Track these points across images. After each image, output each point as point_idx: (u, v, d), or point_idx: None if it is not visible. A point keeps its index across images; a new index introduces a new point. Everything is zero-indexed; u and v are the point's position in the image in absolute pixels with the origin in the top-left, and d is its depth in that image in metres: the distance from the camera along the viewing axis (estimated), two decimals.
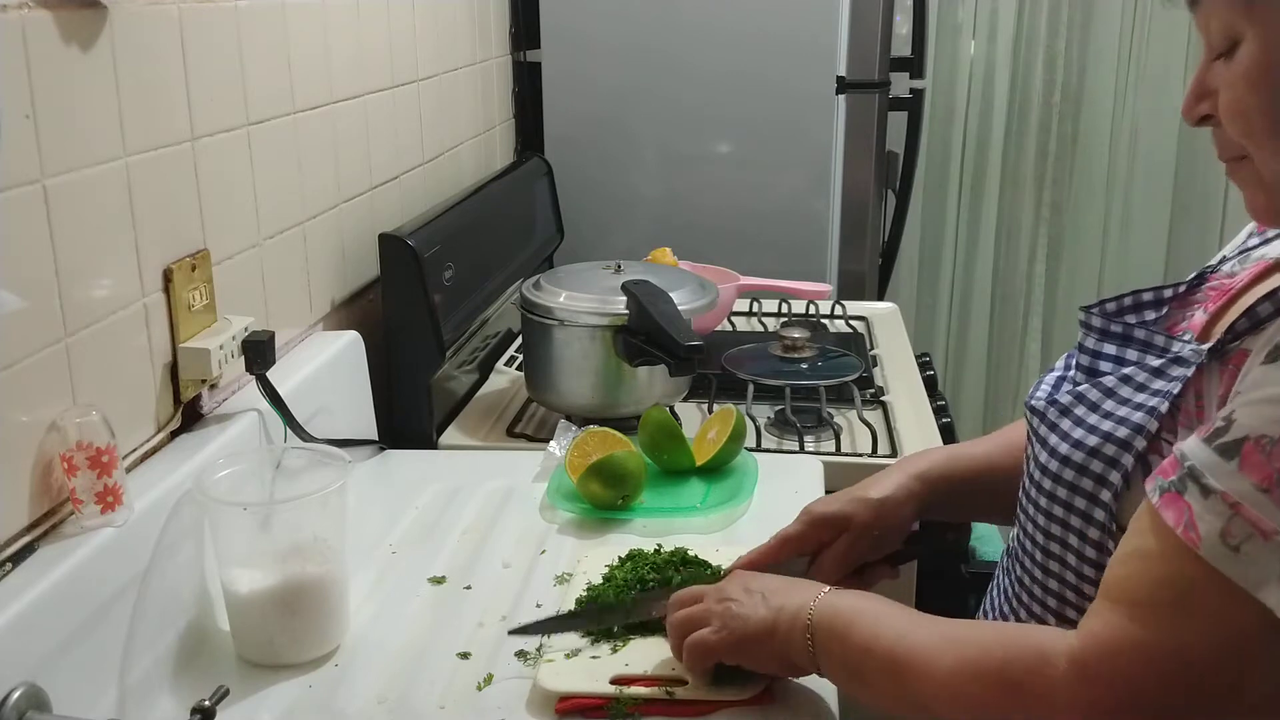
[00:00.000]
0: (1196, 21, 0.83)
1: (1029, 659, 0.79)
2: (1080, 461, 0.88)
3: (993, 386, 3.51)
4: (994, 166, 3.33)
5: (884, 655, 0.86)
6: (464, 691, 1.00)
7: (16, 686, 0.82)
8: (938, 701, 0.83)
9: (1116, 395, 0.89)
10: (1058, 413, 0.92)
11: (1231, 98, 0.80)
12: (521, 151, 2.39)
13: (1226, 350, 0.83)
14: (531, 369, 1.61)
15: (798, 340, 1.77)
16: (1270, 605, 0.70)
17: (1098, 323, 0.96)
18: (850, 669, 0.90)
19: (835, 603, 0.92)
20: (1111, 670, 0.75)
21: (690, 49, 2.24)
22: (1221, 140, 0.84)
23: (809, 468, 1.42)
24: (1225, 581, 0.72)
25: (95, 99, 1.00)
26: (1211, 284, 0.98)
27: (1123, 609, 0.77)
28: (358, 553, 1.16)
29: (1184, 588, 0.74)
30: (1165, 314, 0.98)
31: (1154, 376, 0.88)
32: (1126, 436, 0.86)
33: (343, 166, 1.53)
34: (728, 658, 0.96)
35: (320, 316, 1.49)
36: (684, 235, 2.20)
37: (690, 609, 0.98)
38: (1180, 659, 0.74)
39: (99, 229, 1.01)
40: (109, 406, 0.98)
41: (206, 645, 1.06)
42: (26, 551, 0.91)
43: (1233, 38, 0.79)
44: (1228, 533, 0.72)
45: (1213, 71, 0.82)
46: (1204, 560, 0.72)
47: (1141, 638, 0.75)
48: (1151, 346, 0.92)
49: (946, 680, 0.82)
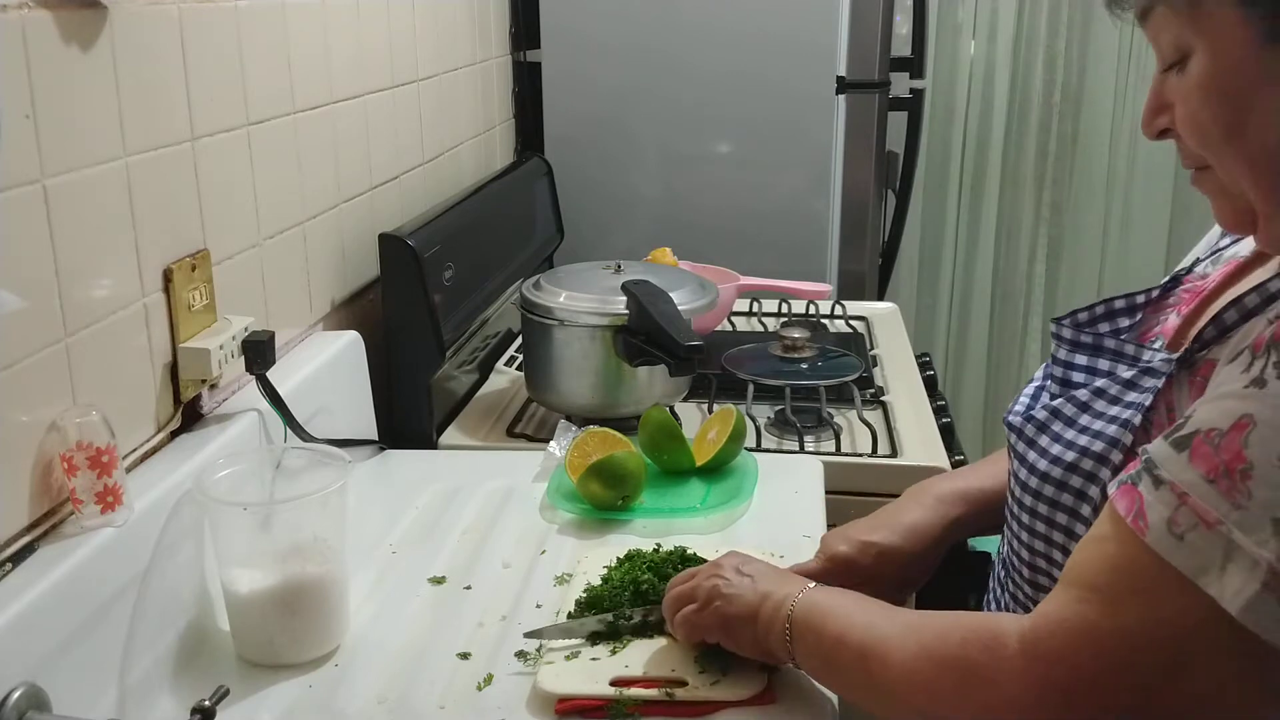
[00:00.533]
0: (1147, 35, 0.84)
1: (984, 639, 0.81)
2: (1059, 477, 0.89)
3: (993, 386, 3.51)
4: (994, 166, 3.33)
5: (854, 645, 0.88)
6: (464, 691, 1.00)
7: (16, 686, 0.82)
8: (899, 687, 0.85)
9: (1091, 409, 0.90)
10: (1035, 429, 0.93)
11: (1186, 111, 0.81)
12: (521, 151, 2.39)
13: (1195, 360, 0.84)
14: (531, 369, 1.61)
15: (798, 340, 1.76)
16: (1211, 594, 0.71)
17: (1068, 334, 0.97)
18: (823, 659, 0.91)
19: (816, 596, 0.93)
20: (1059, 648, 0.77)
21: (690, 49, 2.24)
22: (1184, 151, 0.85)
23: (809, 468, 1.42)
24: (1169, 569, 0.73)
25: (95, 99, 1.00)
26: (1185, 286, 0.99)
27: (1075, 591, 0.79)
28: (358, 553, 1.16)
29: (1130, 573, 0.75)
30: (1140, 320, 0.99)
31: (1126, 389, 0.88)
32: (1103, 450, 0.86)
33: (343, 166, 1.53)
34: (710, 635, 0.97)
35: (320, 316, 1.49)
36: (684, 235, 2.20)
37: (683, 586, 1.00)
38: (1122, 640, 0.75)
39: (99, 229, 1.01)
40: (109, 406, 0.98)
41: (206, 645, 1.06)
42: (26, 551, 0.91)
43: (1183, 50, 0.80)
44: (1174, 521, 0.73)
45: (1167, 84, 0.83)
46: (1150, 548, 0.74)
47: (1087, 618, 0.77)
48: (1122, 356, 0.93)
49: (909, 665, 0.84)
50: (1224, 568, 0.71)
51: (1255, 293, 0.82)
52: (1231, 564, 0.71)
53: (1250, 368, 0.74)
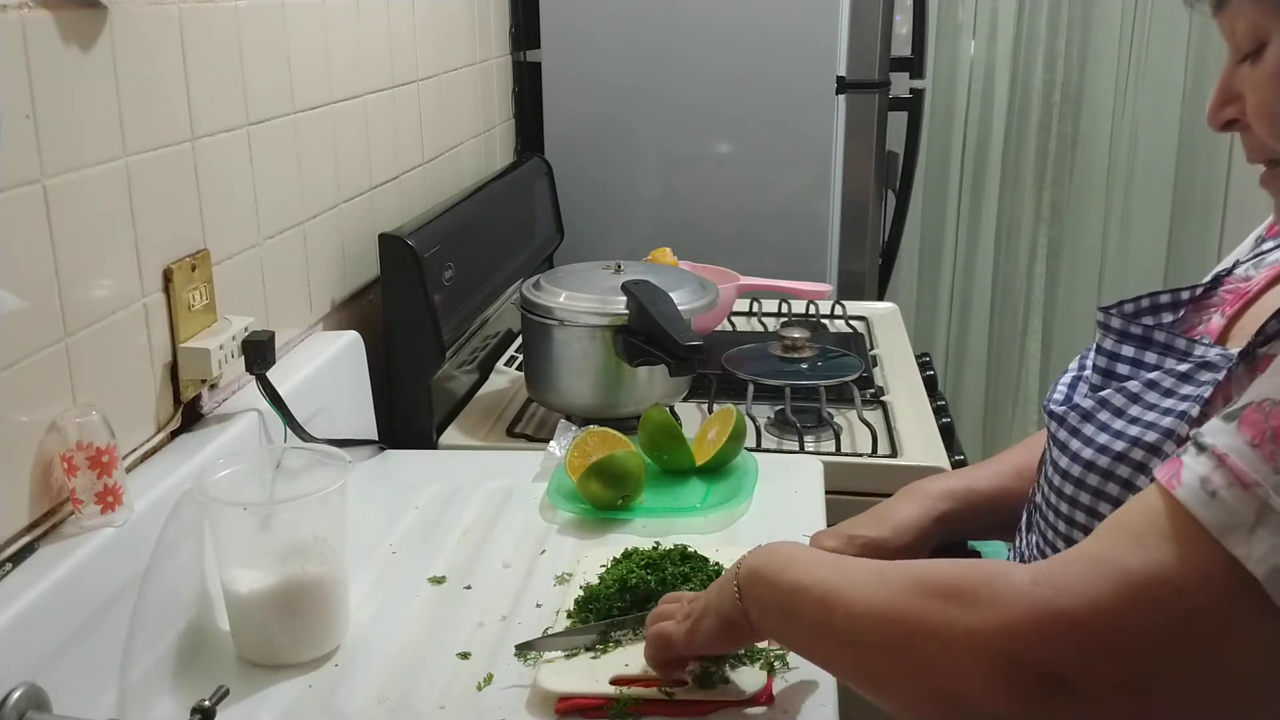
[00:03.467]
0: (1220, 24, 0.82)
1: (987, 573, 0.76)
2: (1106, 466, 0.87)
3: (993, 386, 3.51)
4: (994, 166, 3.33)
5: (817, 588, 0.83)
6: (464, 691, 0.99)
7: (16, 686, 0.82)
8: (867, 623, 0.79)
9: (1143, 400, 0.88)
10: (1079, 417, 0.91)
11: (1260, 100, 0.80)
12: (521, 151, 2.39)
13: (1256, 355, 0.82)
14: (531, 369, 1.61)
15: (798, 340, 1.77)
16: (1236, 554, 0.69)
17: (1117, 324, 0.96)
18: (780, 608, 0.87)
19: (765, 550, 0.90)
20: (1064, 575, 0.73)
21: (690, 49, 2.24)
22: (1251, 143, 0.83)
23: (809, 468, 1.42)
24: (1195, 524, 0.70)
25: (95, 99, 1.00)
26: (1227, 287, 0.98)
27: (1098, 533, 0.76)
28: (358, 553, 1.16)
29: (1159, 519, 0.72)
30: (1181, 317, 0.98)
31: (1181, 381, 0.87)
32: (1155, 441, 0.85)
33: (343, 166, 1.53)
34: (685, 648, 0.95)
35: (320, 316, 1.49)
36: (684, 235, 2.20)
37: (662, 608, 0.99)
38: (1136, 576, 0.71)
39: (99, 229, 1.01)
40: (109, 406, 0.98)
41: (206, 645, 1.06)
42: (26, 551, 0.91)
43: (1260, 39, 0.79)
44: (1208, 480, 0.71)
45: (1238, 75, 0.82)
46: (1178, 501, 0.72)
47: (1105, 552, 0.73)
48: (1172, 350, 0.91)
49: (886, 600, 0.78)
50: (1254, 530, 0.68)
51: None
52: (1262, 528, 0.68)
53: None
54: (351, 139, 1.55)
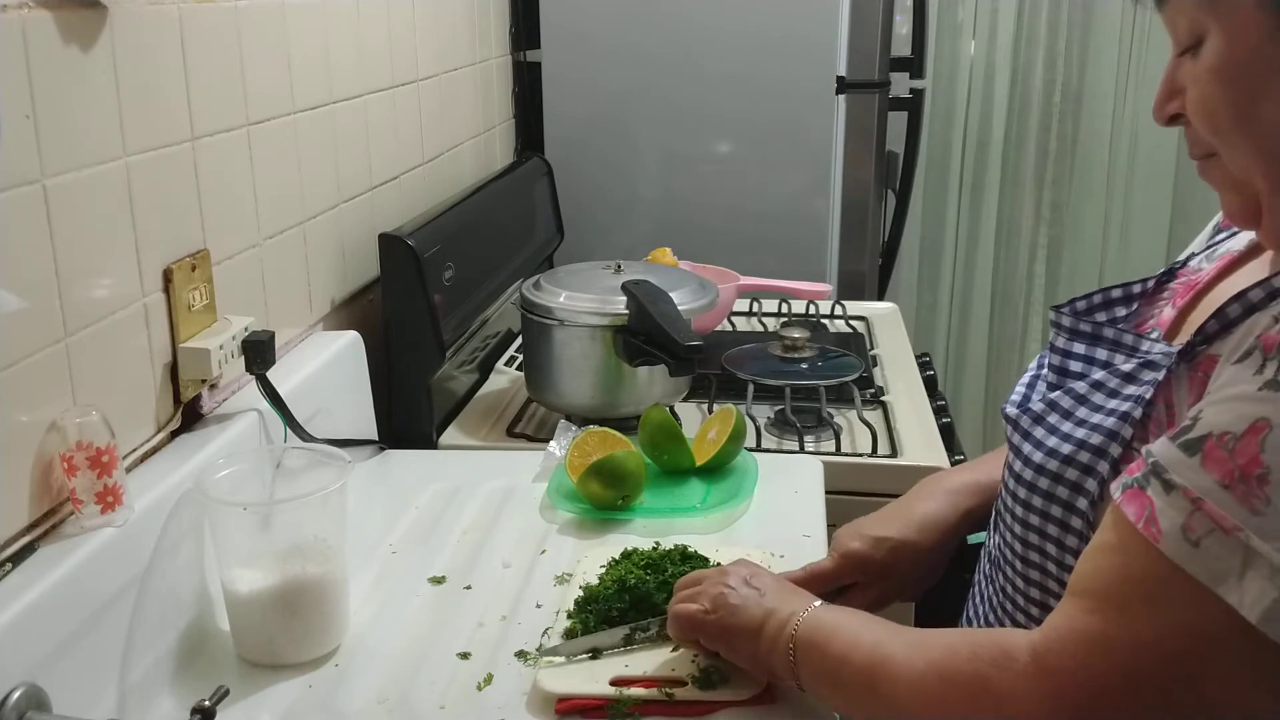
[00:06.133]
0: (1164, 20, 0.84)
1: (993, 655, 0.80)
2: (1055, 469, 0.88)
3: (993, 386, 3.51)
4: (994, 166, 3.33)
5: (861, 663, 0.86)
6: (464, 691, 0.99)
7: (16, 686, 0.82)
8: (908, 704, 0.83)
9: (1089, 402, 0.89)
10: (1031, 420, 0.92)
11: (1198, 94, 0.81)
12: (521, 152, 2.39)
13: (1195, 353, 0.83)
14: (531, 369, 1.61)
15: (798, 340, 1.77)
16: (1230, 602, 0.70)
17: (1067, 322, 0.97)
18: (828, 678, 0.90)
19: (821, 615, 0.92)
20: (1071, 662, 0.76)
21: (690, 49, 2.24)
22: (1192, 138, 0.85)
23: (809, 468, 1.42)
24: (1185, 577, 0.71)
25: (95, 99, 1.00)
26: (1180, 279, 0.98)
27: (1084, 602, 0.77)
28: (358, 553, 1.16)
29: (1144, 582, 0.74)
30: (1135, 310, 0.99)
31: (1125, 382, 0.88)
32: (1101, 443, 0.86)
33: (343, 166, 1.53)
34: (709, 641, 0.96)
35: (320, 316, 1.49)
36: (684, 235, 2.20)
37: (689, 589, 1.00)
38: (1135, 650, 0.74)
39: (99, 229, 1.01)
40: (109, 406, 0.98)
41: (206, 645, 1.06)
42: (26, 551, 0.91)
43: (1198, 34, 0.80)
44: (1189, 528, 0.72)
45: (1181, 69, 0.83)
46: (1164, 555, 0.72)
47: (1100, 630, 0.75)
48: (1120, 345, 0.92)
49: (916, 682, 0.83)
50: (1243, 575, 0.69)
51: (1259, 287, 0.81)
52: (1251, 571, 0.69)
53: (1263, 369, 0.73)
54: (351, 139, 1.55)
